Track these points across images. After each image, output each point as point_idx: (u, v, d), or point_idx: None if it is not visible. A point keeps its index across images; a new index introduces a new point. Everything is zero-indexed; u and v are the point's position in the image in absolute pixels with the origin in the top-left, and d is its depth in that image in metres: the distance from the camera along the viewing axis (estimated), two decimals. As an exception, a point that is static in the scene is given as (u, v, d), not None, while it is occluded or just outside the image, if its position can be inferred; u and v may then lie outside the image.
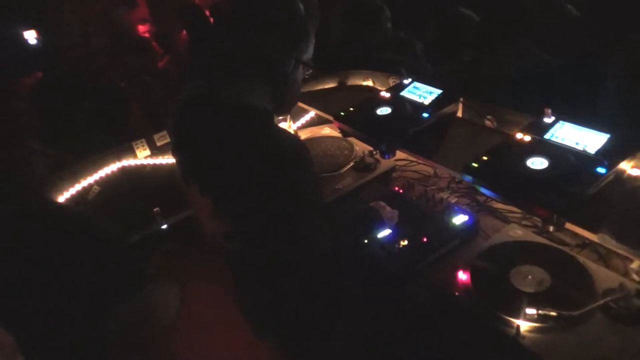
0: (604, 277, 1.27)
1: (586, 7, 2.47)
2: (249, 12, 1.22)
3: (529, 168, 1.36)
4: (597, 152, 1.34)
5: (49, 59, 3.30)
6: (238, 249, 1.26)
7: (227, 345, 1.91)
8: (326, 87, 2.58)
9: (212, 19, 4.19)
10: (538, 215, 1.37)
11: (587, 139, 1.40)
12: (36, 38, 3.19)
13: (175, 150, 1.37)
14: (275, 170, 1.11)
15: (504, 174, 1.38)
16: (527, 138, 1.49)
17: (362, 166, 1.96)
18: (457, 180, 1.88)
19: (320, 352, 1.47)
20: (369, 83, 2.47)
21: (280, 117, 2.18)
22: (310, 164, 1.19)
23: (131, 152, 2.25)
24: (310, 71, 1.36)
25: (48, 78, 3.08)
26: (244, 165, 1.12)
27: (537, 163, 1.36)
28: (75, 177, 2.14)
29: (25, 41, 3.14)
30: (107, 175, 2.20)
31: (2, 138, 2.42)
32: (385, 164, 1.97)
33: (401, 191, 1.79)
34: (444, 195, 1.72)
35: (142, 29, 4.32)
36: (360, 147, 2.08)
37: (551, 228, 1.30)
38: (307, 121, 2.64)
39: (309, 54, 1.31)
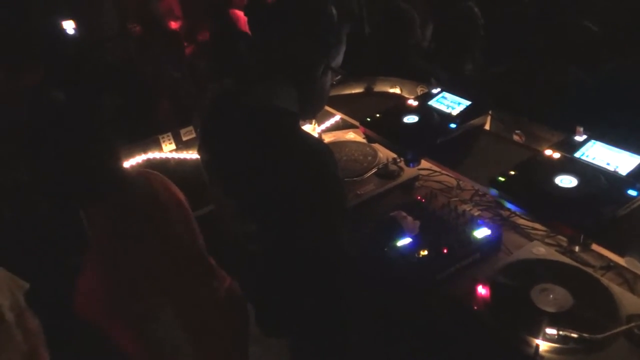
0: (629, 302, 1.24)
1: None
2: (282, 15, 1.22)
3: (557, 186, 1.34)
4: (629, 174, 1.32)
5: (85, 49, 3.38)
6: (258, 249, 1.27)
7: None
8: (353, 92, 2.58)
9: (245, 19, 4.23)
10: (565, 234, 1.35)
11: (619, 160, 1.37)
12: (74, 28, 3.26)
13: (201, 148, 1.38)
14: (300, 174, 1.11)
15: (532, 190, 1.36)
16: (557, 155, 1.47)
17: (386, 173, 1.95)
18: (480, 193, 1.86)
19: (331, 355, 1.47)
20: (397, 90, 2.46)
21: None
22: (335, 168, 1.19)
23: (157, 145, 2.28)
24: (339, 77, 1.36)
25: (78, 69, 3.15)
26: (269, 167, 1.13)
27: (566, 181, 1.34)
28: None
29: (64, 31, 3.22)
30: (132, 167, 2.23)
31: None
32: (409, 172, 1.96)
33: (423, 200, 1.78)
34: (467, 207, 1.70)
35: (173, 25, 4.38)
36: (384, 153, 2.08)
37: (577, 248, 1.28)
38: (331, 125, 2.64)
39: (339, 60, 1.31)
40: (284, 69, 1.21)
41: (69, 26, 3.24)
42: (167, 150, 2.29)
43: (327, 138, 2.39)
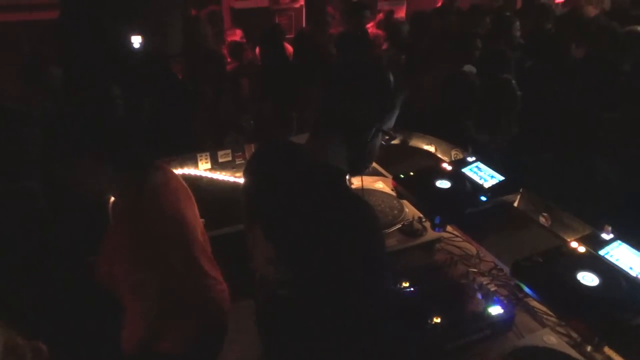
0: (633, 409, 1.26)
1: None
2: (345, 78, 1.29)
3: (578, 282, 1.37)
4: (651, 283, 1.35)
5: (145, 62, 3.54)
6: (287, 295, 1.31)
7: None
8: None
9: (292, 48, 4.36)
10: (579, 332, 1.37)
11: (643, 267, 1.40)
12: (140, 43, 3.43)
13: (246, 190, 1.41)
14: (347, 232, 1.15)
15: (553, 280, 1.40)
16: (582, 249, 1.50)
17: (409, 230, 1.97)
18: (499, 267, 1.89)
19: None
20: (431, 149, 2.52)
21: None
22: (380, 232, 1.23)
23: (194, 163, 2.36)
24: (388, 138, 1.41)
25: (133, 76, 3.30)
26: (317, 221, 1.17)
27: (588, 279, 1.38)
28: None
29: (131, 45, 3.39)
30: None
31: None
32: (432, 233, 1.99)
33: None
34: (485, 280, 1.73)
35: (232, 36, 4.51)
36: (410, 210, 2.11)
37: (589, 348, 1.30)
38: (361, 169, 2.69)
39: (391, 123, 1.36)
40: (340, 129, 1.27)
41: (136, 41, 3.42)
42: (202, 169, 2.37)
43: (355, 182, 2.44)
